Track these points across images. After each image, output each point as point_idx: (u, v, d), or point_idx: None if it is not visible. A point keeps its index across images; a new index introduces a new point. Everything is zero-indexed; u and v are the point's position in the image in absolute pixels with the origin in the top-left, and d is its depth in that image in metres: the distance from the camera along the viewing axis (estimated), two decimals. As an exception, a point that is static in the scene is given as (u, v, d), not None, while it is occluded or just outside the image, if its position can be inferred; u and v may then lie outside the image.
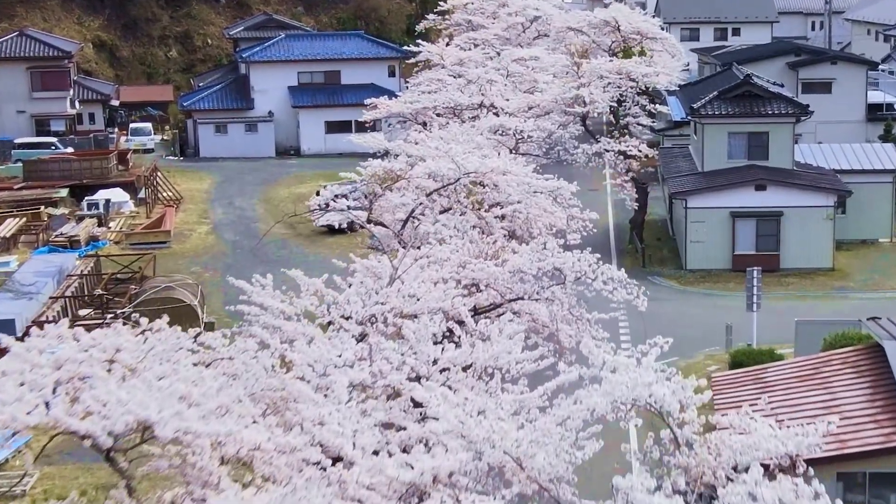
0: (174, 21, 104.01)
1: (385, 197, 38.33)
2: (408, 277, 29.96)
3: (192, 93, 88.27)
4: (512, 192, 37.76)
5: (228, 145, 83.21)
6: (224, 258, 58.68)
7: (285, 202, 69.24)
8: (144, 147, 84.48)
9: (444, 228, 36.27)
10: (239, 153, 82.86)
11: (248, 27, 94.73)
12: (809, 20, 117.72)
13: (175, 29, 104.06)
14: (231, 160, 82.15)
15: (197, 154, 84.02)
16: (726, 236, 53.41)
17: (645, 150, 56.73)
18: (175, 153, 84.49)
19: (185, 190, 72.95)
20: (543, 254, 30.84)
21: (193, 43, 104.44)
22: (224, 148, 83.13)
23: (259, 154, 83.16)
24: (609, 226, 62.74)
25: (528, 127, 48.38)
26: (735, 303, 48.68)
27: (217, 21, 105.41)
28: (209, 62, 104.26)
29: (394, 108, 61.22)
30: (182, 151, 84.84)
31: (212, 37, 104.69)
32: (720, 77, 61.58)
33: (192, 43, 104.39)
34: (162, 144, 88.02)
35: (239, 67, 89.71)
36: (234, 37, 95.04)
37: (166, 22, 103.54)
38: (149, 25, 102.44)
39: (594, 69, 57.32)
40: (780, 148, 54.70)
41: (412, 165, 39.58)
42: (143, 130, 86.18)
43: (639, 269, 55.09)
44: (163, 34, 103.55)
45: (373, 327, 26.11)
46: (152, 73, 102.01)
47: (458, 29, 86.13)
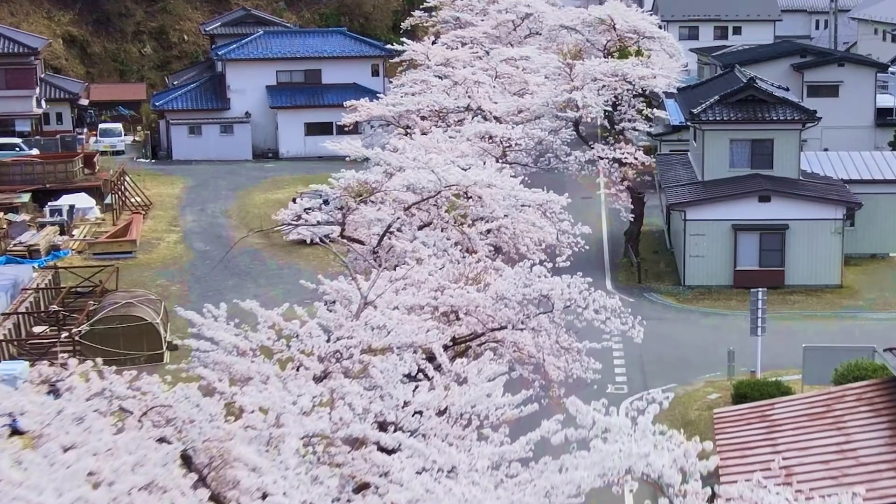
0: (149, 16, 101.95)
1: (360, 210, 36.27)
2: (381, 302, 27.99)
3: (166, 92, 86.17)
4: (497, 206, 35.69)
5: (203, 147, 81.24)
6: (193, 270, 56.59)
7: (261, 209, 67.31)
8: (114, 149, 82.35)
9: (423, 247, 34.24)
10: (214, 156, 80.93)
11: (226, 23, 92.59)
12: (813, 18, 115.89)
13: (150, 24, 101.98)
14: (205, 163, 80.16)
15: (169, 157, 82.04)
16: (727, 251, 51.49)
17: (641, 158, 54.72)
18: (146, 155, 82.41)
19: (155, 195, 70.87)
20: (530, 277, 28.74)
21: (169, 39, 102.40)
22: (198, 150, 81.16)
23: (235, 157, 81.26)
24: (603, 237, 60.68)
25: (516, 134, 46.25)
26: (737, 323, 46.76)
27: (194, 16, 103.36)
28: (185, 59, 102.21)
29: (375, 111, 59.21)
30: (154, 154, 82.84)
31: (188, 33, 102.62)
32: (722, 80, 59.55)
33: (168, 39, 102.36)
34: (133, 146, 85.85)
35: (215, 66, 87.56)
36: (210, 33, 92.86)
37: (140, 17, 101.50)
38: (122, 20, 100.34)
39: (587, 71, 55.30)
40: (785, 156, 52.79)
41: (390, 176, 37.52)
42: (113, 131, 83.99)
43: (634, 284, 53.17)
44: (137, 30, 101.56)
45: (337, 364, 24.02)
46: (125, 71, 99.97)
47: (446, 26, 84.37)
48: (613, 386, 40.20)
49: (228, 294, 52.49)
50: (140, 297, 46.15)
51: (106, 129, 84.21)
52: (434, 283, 30.10)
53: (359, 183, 36.06)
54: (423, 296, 28.84)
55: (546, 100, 55.31)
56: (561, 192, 57.72)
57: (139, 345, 43.87)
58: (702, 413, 38.05)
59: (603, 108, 54.63)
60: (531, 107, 56.11)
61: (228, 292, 52.96)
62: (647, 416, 17.56)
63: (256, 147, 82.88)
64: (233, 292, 52.95)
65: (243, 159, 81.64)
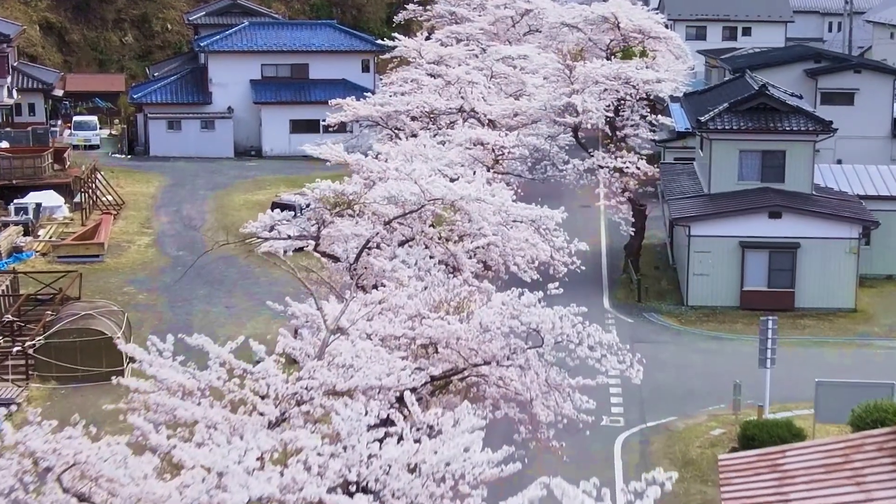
0: (131, 3, 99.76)
1: (335, 224, 34.05)
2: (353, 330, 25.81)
3: (144, 84, 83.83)
4: (485, 223, 33.48)
5: (182, 143, 79.10)
6: (163, 276, 54.31)
7: (240, 211, 65.19)
8: (89, 143, 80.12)
9: (403, 266, 32.04)
10: (193, 152, 78.88)
11: (210, 12, 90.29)
12: (826, 20, 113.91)
13: (131, 12, 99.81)
14: (184, 160, 78.06)
15: (147, 152, 79.89)
16: (734, 270, 49.36)
17: (644, 168, 52.50)
18: (122, 151, 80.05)
19: (129, 193, 68.67)
20: (518, 307, 26.50)
21: (151, 28, 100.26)
22: (177, 146, 79.02)
23: (216, 154, 79.21)
24: (601, 250, 58.48)
25: (510, 141, 43.97)
26: (743, 348, 44.64)
27: (178, 4, 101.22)
28: (168, 49, 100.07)
29: (361, 111, 57.15)
30: (130, 149, 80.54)
31: (172, 21, 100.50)
32: (731, 85, 57.33)
33: (150, 28, 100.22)
34: (109, 140, 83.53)
35: (199, 57, 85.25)
36: (194, 23, 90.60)
37: (122, 4, 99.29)
38: (102, 7, 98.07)
39: (588, 73, 53.04)
40: (797, 169, 50.67)
41: (370, 186, 35.30)
42: (88, 124, 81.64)
43: (633, 303, 50.99)
44: (118, 17, 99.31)
45: (297, 408, 21.78)
46: (105, 61, 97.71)
47: (441, 21, 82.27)
48: (609, 418, 38.00)
49: (199, 304, 50.59)
50: (101, 309, 43.85)
51: (80, 121, 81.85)
52: (413, 308, 27.94)
53: (335, 194, 33.79)
54: (399, 325, 26.62)
55: (544, 103, 53.06)
56: (557, 200, 56.02)
57: (98, 360, 41.61)
58: (704, 451, 35.90)
59: (604, 113, 52.38)
60: (528, 110, 53.86)
61: (199, 302, 50.92)
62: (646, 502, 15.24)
63: (238, 144, 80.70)
64: (203, 302, 50.91)
65: (224, 157, 79.49)
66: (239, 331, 47.47)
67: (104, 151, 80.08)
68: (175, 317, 48.88)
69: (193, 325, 47.91)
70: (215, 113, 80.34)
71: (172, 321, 48.16)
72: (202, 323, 48.06)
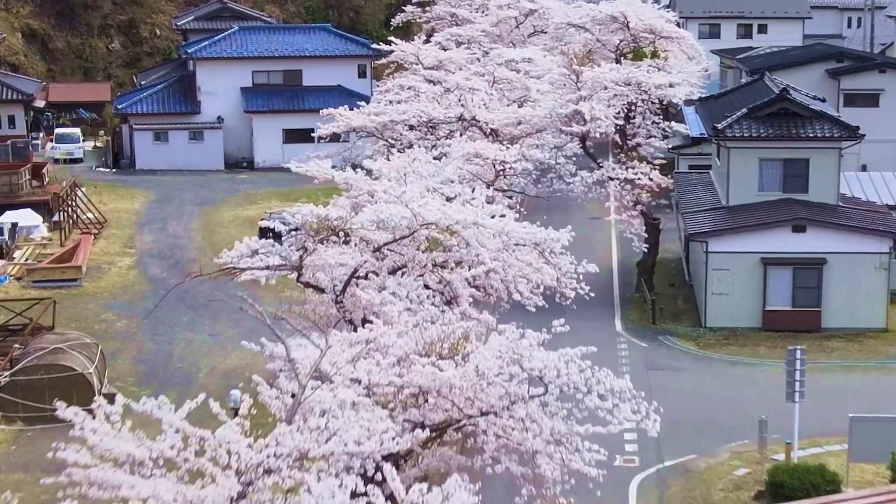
0: (117, 8, 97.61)
1: (319, 252, 31.69)
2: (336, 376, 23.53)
3: (130, 93, 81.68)
4: (483, 250, 31.13)
5: (169, 156, 77.10)
6: (144, 301, 51.86)
7: (228, 227, 63.19)
8: (71, 156, 77.87)
9: (394, 299, 29.70)
10: (182, 165, 76.92)
11: (199, 17, 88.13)
12: (845, 16, 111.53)
13: (118, 17, 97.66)
14: (172, 174, 76.10)
15: (132, 166, 77.94)
16: (756, 288, 47.05)
17: (657, 179, 50.09)
18: (107, 164, 77.88)
19: (112, 210, 66.50)
20: (518, 349, 24.12)
21: (139, 34, 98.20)
22: (164, 159, 77.04)
23: (205, 166, 77.30)
24: (612, 265, 56.11)
25: (511, 155, 41.56)
26: (767, 376, 42.34)
27: (167, 9, 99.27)
28: (157, 56, 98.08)
29: (354, 122, 54.94)
30: (115, 162, 78.47)
31: (161, 27, 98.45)
32: (750, 89, 54.94)
33: (138, 34, 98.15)
34: (94, 153, 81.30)
35: (188, 65, 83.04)
36: (182, 28, 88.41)
37: (108, 9, 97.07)
38: (88, 13, 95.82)
39: (597, 79, 50.62)
40: (822, 179, 48.37)
41: (358, 208, 32.96)
42: (71, 137, 79.39)
43: (647, 325, 48.62)
44: (104, 23, 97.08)
45: (264, 476, 19.39)
46: (91, 69, 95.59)
47: (441, 23, 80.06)
48: (622, 457, 35.54)
49: (181, 332, 48.36)
50: (72, 341, 41.51)
51: (62, 134, 79.60)
52: (402, 348, 25.64)
53: (318, 219, 31.42)
54: (386, 372, 24.27)
55: (549, 111, 50.64)
56: (564, 213, 53.61)
57: (68, 398, 38.62)
58: (728, 495, 33.54)
59: (614, 121, 49.97)
60: (532, 119, 51.46)
61: (182, 329, 48.66)
62: None
63: (229, 156, 78.70)
64: (187, 329, 48.65)
65: (214, 169, 77.58)
66: (223, 361, 45.75)
67: (88, 165, 78.06)
68: (156, 346, 46.66)
69: (174, 355, 45.80)
70: (204, 123, 78.36)
71: (152, 351, 46.01)
72: (184, 353, 45.94)
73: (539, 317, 34.69)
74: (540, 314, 34.72)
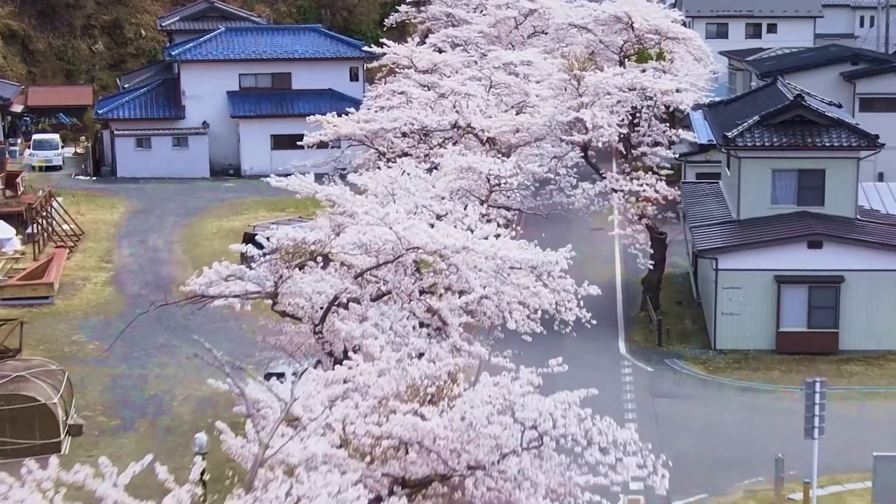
0: (101, 8, 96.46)
1: (295, 279, 29.57)
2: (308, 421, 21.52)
3: (111, 97, 79.68)
4: (473, 278, 29.00)
5: (152, 163, 75.43)
6: (119, 321, 49.59)
7: (212, 240, 61.30)
8: (49, 164, 75.83)
9: (376, 331, 27.63)
10: (165, 173, 75.31)
11: (185, 17, 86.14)
12: (857, 14, 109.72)
13: (102, 17, 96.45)
14: (155, 182, 74.50)
15: (114, 173, 75.95)
16: (769, 308, 45.04)
17: (664, 191, 47.97)
18: (87, 172, 75.86)
19: (90, 222, 64.57)
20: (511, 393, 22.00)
21: (124, 34, 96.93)
22: (147, 166, 75.38)
23: (190, 174, 75.79)
24: (616, 281, 53.98)
25: (507, 169, 39.38)
26: (782, 403, 40.45)
27: (153, 8, 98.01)
28: (142, 58, 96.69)
29: (343, 129, 52.80)
30: (96, 170, 76.60)
31: (146, 27, 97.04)
32: (761, 94, 52.85)
33: (123, 34, 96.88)
34: (74, 160, 79.30)
35: (173, 67, 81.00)
36: (168, 29, 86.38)
37: (91, 9, 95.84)
38: (70, 13, 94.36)
39: (599, 84, 48.46)
40: (839, 191, 46.47)
41: (339, 230, 30.84)
42: (49, 143, 77.45)
43: (653, 347, 46.52)
44: (87, 23, 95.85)
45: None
46: (73, 71, 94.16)
47: (437, 24, 77.98)
48: (627, 497, 33.31)
49: (157, 356, 46.38)
50: (36, 369, 39.35)
51: (40, 140, 77.62)
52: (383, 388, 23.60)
53: (294, 243, 29.28)
54: (363, 421, 22.17)
55: (549, 118, 48.46)
56: (565, 224, 51.51)
57: (30, 431, 37.17)
58: None
59: (617, 129, 47.82)
60: (531, 127, 49.30)
61: (157, 353, 46.60)
62: None
63: (215, 163, 77.04)
64: (163, 353, 46.58)
65: (199, 177, 76.01)
66: (199, 388, 43.52)
67: (67, 173, 76.49)
68: (128, 371, 44.58)
69: (148, 381, 43.79)
70: (189, 129, 76.69)
71: (124, 377, 43.97)
72: (158, 379, 43.93)
73: (536, 346, 32.67)
74: (538, 341, 32.80)
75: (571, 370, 41.76)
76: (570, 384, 30.01)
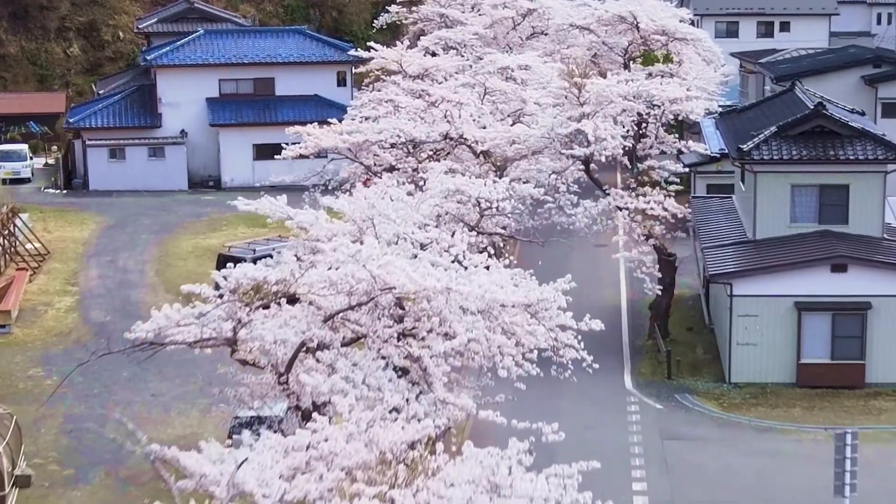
0: (76, 9, 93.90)
1: (255, 323, 26.71)
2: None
3: (83, 104, 77.10)
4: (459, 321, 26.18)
5: (127, 175, 73.17)
6: (82, 352, 46.64)
7: (186, 259, 58.80)
8: (17, 176, 73.26)
9: (346, 386, 24.87)
10: (141, 185, 73.05)
11: (164, 19, 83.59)
12: (874, 11, 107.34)
13: (77, 19, 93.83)
14: (129, 195, 72.10)
15: (86, 186, 73.62)
16: (789, 338, 42.36)
17: (673, 208, 45.18)
18: (57, 185, 73.29)
19: (58, 240, 61.93)
20: (496, 479, 19.16)
21: (101, 37, 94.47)
22: (121, 179, 73.11)
23: (166, 187, 73.38)
24: (621, 304, 51.21)
25: (499, 192, 36.47)
26: (805, 447, 37.82)
27: (131, 10, 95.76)
28: (121, 61, 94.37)
29: (324, 142, 50.31)
30: (67, 182, 73.99)
31: (124, 29, 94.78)
32: (778, 102, 50.06)
33: (100, 37, 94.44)
34: (45, 172, 76.75)
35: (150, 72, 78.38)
36: (145, 31, 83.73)
37: (66, 10, 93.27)
38: (43, 14, 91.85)
39: (602, 92, 45.59)
40: (864, 208, 43.99)
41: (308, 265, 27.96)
42: (17, 154, 74.91)
43: (662, 380, 43.76)
44: (61, 26, 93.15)
45: None
46: (46, 76, 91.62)
47: (430, 25, 75.31)
48: (635, 562, 30.58)
49: (120, 392, 43.62)
50: (-20, 413, 36.46)
51: (6, 151, 75.06)
52: (351, 457, 20.93)
53: (254, 283, 26.41)
54: (324, 503, 19.42)
55: (547, 130, 45.60)
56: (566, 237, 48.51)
57: (-31, 484, 34.20)
58: None
59: (622, 142, 44.97)
60: (528, 139, 46.47)
61: (121, 389, 43.77)
62: None
63: (194, 174, 74.70)
64: (126, 388, 43.79)
65: (177, 190, 73.60)
66: (163, 430, 40.67)
67: (36, 186, 74.01)
68: (87, 410, 41.71)
69: (109, 423, 40.83)
70: (165, 138, 74.32)
71: (82, 418, 41.09)
72: (120, 421, 40.86)
73: (532, 391, 29.90)
74: (533, 385, 30.05)
75: (572, 407, 39.44)
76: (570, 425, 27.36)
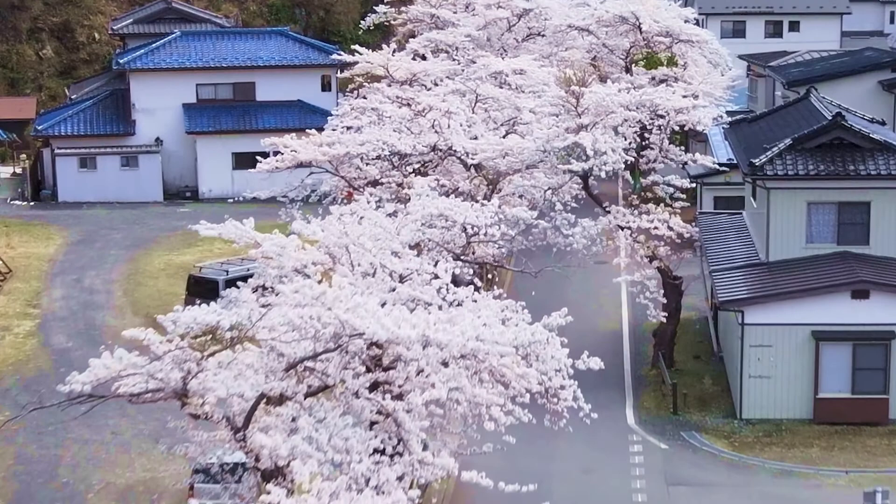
0: (50, 9, 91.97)
1: (207, 374, 24.05)
2: None
3: (52, 111, 74.84)
4: (435, 372, 23.59)
5: (98, 186, 71.27)
6: (39, 384, 44.28)
7: (157, 278, 56.76)
8: (-20, 188, 71.10)
9: (308, 448, 22.25)
10: (113, 197, 71.26)
11: (140, 20, 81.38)
12: (888, 10, 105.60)
13: (51, 20, 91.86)
14: (100, 207, 70.27)
15: (55, 198, 71.56)
16: (805, 370, 39.87)
17: (679, 228, 42.61)
18: (24, 197, 71.32)
19: (21, 256, 59.91)
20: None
21: (75, 38, 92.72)
22: (92, 189, 71.24)
23: (140, 198, 71.60)
24: (623, 329, 48.62)
25: (486, 217, 33.82)
26: (825, 493, 35.10)
27: (107, 9, 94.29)
28: (96, 64, 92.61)
29: (302, 155, 47.81)
30: (35, 194, 72.01)
31: (100, 30, 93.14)
32: (792, 111, 47.51)
33: (74, 38, 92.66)
34: (11, 183, 74.92)
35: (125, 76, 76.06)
36: (120, 32, 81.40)
37: (39, 10, 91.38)
38: (14, 14, 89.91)
39: (601, 102, 42.99)
40: (887, 227, 41.67)
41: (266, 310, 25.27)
42: (-20, 164, 72.52)
43: (667, 415, 41.08)
44: (34, 27, 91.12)
45: None
46: (17, 80, 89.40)
47: (420, 25, 72.86)
48: None
49: (76, 430, 40.79)
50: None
51: (-30, 160, 72.77)
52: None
53: (205, 329, 23.73)
54: None
55: (542, 143, 42.98)
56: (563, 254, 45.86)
57: None
58: None
59: (623, 155, 42.38)
60: (522, 152, 43.87)
61: (77, 426, 40.73)
62: None
63: (169, 185, 72.94)
64: (83, 426, 40.73)
65: (151, 201, 71.72)
66: (122, 473, 37.86)
67: (2, 197, 72.28)
68: (40, 451, 39.22)
69: (62, 463, 38.57)
70: (139, 146, 72.50)
71: (34, 459, 38.67)
72: (75, 460, 38.79)
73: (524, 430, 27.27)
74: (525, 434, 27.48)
75: (569, 448, 36.78)
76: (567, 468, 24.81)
